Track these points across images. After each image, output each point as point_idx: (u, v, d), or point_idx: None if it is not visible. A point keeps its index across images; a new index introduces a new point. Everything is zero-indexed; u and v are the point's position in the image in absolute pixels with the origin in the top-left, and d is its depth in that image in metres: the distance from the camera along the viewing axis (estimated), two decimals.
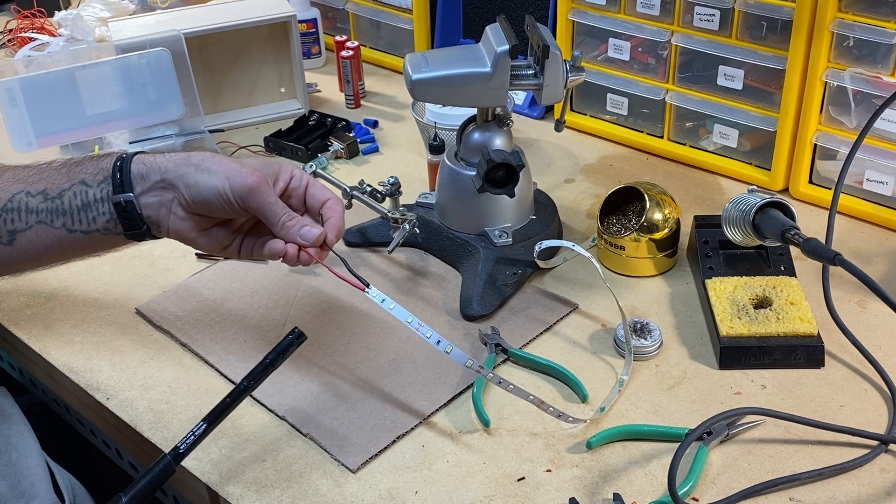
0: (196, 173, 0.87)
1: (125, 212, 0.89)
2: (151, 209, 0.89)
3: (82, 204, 0.90)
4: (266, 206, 0.87)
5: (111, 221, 0.89)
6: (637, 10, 1.27)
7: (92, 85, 1.24)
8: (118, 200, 0.88)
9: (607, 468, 0.83)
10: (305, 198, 0.92)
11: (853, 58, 1.11)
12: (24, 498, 0.94)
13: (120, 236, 0.91)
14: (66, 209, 0.90)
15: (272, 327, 1.01)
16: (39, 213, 0.89)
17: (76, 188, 0.90)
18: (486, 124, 1.07)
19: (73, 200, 0.89)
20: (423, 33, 1.55)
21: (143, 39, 1.29)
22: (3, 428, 1.00)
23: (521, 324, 1.00)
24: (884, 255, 1.10)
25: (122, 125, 1.28)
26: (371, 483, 0.82)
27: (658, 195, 1.06)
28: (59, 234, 0.90)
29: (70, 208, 0.89)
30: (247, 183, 0.86)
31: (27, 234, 0.89)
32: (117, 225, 0.90)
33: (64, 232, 0.90)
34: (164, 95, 1.27)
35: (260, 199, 0.86)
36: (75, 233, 0.90)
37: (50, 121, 1.25)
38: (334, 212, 0.91)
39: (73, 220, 0.90)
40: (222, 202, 0.87)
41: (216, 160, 0.88)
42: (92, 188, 0.89)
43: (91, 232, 0.90)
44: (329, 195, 0.92)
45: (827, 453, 0.83)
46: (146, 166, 0.89)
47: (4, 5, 1.90)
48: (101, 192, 0.89)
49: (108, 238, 0.91)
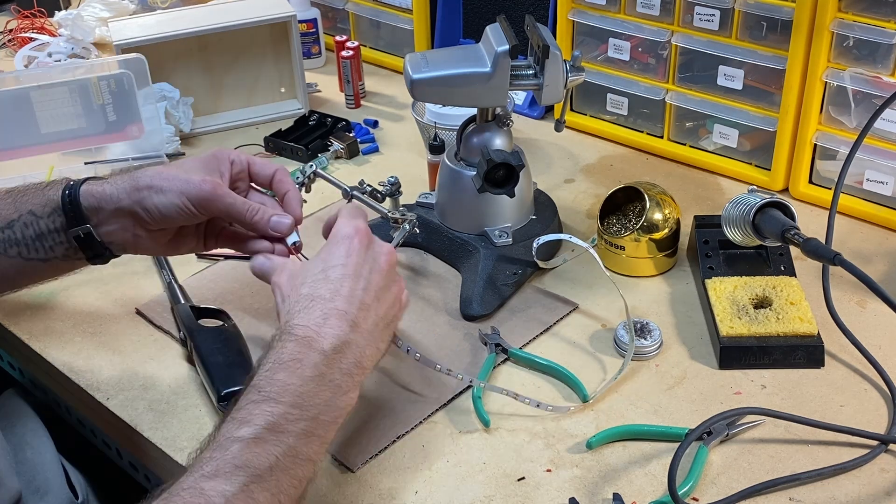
0: (151, 196, 0.89)
1: (84, 242, 0.91)
2: (114, 236, 0.91)
3: (35, 234, 0.91)
4: (227, 206, 0.89)
5: (70, 250, 0.92)
6: (637, 10, 1.27)
7: (48, 104, 1.23)
8: (77, 233, 0.90)
9: (607, 468, 0.83)
10: (251, 177, 0.94)
11: (853, 58, 1.11)
12: (39, 493, 0.95)
13: (81, 261, 0.93)
14: (18, 239, 0.91)
15: (272, 327, 1.01)
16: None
17: (25, 218, 0.91)
18: (486, 124, 1.07)
19: (24, 230, 0.91)
20: (423, 33, 1.55)
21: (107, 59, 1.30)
22: (17, 426, 1.01)
23: (521, 324, 1.00)
24: (884, 255, 1.10)
25: (77, 144, 1.28)
26: (371, 483, 0.82)
27: (658, 195, 1.06)
28: (15, 262, 0.92)
29: (23, 238, 0.91)
30: (203, 193, 0.88)
31: None
32: (78, 252, 0.92)
33: (19, 260, 0.92)
34: (124, 116, 1.26)
35: (219, 202, 0.89)
36: (32, 260, 0.92)
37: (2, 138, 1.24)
38: (287, 185, 0.94)
39: (28, 250, 0.92)
40: (184, 216, 0.89)
41: (163, 177, 0.89)
42: (42, 219, 0.91)
43: (49, 259, 0.92)
44: (274, 167, 0.94)
45: (827, 453, 0.83)
46: (96, 198, 0.90)
47: (4, 5, 1.90)
48: (52, 224, 0.91)
49: (68, 263, 0.94)
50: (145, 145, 1.30)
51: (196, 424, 0.89)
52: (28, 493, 0.93)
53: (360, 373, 0.77)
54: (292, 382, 0.72)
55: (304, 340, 0.75)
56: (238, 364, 0.91)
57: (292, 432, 0.71)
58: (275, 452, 0.69)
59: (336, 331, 0.76)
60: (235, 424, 0.70)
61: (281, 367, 0.73)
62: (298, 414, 0.71)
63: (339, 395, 0.75)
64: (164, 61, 1.40)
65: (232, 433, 0.69)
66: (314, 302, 0.77)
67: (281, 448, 0.70)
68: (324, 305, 0.77)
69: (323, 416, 0.73)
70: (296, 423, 0.71)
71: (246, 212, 0.90)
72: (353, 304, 0.78)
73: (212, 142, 1.42)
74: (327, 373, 0.74)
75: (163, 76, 1.39)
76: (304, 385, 0.73)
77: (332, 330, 0.76)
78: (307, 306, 0.77)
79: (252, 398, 0.72)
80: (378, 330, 0.80)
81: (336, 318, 0.77)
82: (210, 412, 0.91)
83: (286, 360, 0.74)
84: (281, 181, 0.94)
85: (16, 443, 0.99)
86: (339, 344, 0.76)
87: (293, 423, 0.71)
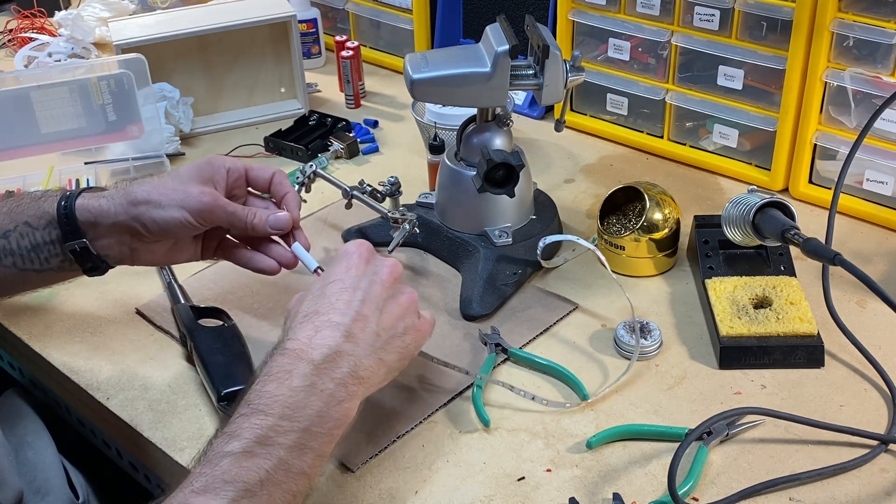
0: (149, 211, 0.89)
1: (81, 255, 0.91)
2: (110, 249, 0.92)
3: (31, 245, 0.92)
4: (227, 216, 0.90)
5: (66, 262, 0.92)
6: (637, 10, 1.27)
7: (48, 104, 1.23)
8: (73, 247, 0.91)
9: (607, 468, 0.83)
10: (249, 182, 0.95)
11: (853, 58, 1.11)
12: (40, 493, 0.95)
13: (76, 272, 0.94)
14: (13, 249, 0.91)
15: (272, 327, 1.01)
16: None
17: (21, 229, 0.91)
18: (486, 124, 1.07)
19: (20, 241, 0.91)
20: (423, 33, 1.55)
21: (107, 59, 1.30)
22: (18, 427, 1.01)
23: (521, 323, 1.00)
24: (884, 255, 1.10)
25: (77, 144, 1.28)
26: (371, 483, 0.82)
27: (658, 195, 1.06)
28: (9, 271, 0.92)
29: (18, 248, 0.91)
30: (203, 205, 0.89)
31: None
32: (73, 264, 0.92)
33: (14, 270, 0.92)
34: (124, 116, 1.26)
35: (219, 212, 0.90)
36: (26, 271, 0.92)
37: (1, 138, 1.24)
38: (285, 187, 0.95)
39: (23, 260, 0.92)
40: (185, 228, 0.90)
41: (160, 191, 0.89)
42: (38, 231, 0.91)
43: (44, 270, 0.93)
44: (271, 171, 0.95)
45: (827, 453, 0.83)
46: (92, 214, 0.90)
47: (4, 5, 1.90)
48: (48, 236, 0.91)
49: (63, 274, 0.94)
50: (145, 145, 1.31)
51: (196, 424, 0.89)
52: (29, 494, 0.93)
53: (356, 383, 0.75)
54: (281, 393, 0.71)
55: (293, 353, 0.74)
56: (238, 364, 0.91)
57: (283, 445, 0.69)
58: (265, 466, 0.68)
59: (327, 341, 0.75)
60: (225, 439, 0.69)
61: (270, 379, 0.72)
62: (288, 426, 0.70)
63: (333, 406, 0.73)
64: (164, 61, 1.40)
65: (222, 448, 0.69)
66: (308, 318, 0.77)
67: (271, 461, 0.68)
68: (317, 319, 0.76)
69: (315, 428, 0.71)
70: (286, 434, 0.70)
71: (245, 216, 0.91)
72: (348, 315, 0.77)
73: (212, 142, 1.42)
74: (318, 382, 0.73)
75: (163, 76, 1.39)
76: (293, 395, 0.71)
77: (322, 340, 0.75)
78: (302, 322, 0.77)
79: (242, 412, 0.71)
80: (381, 341, 0.78)
81: (328, 329, 0.75)
82: (210, 412, 0.91)
83: (275, 372, 0.73)
84: (279, 184, 0.95)
85: (16, 443, 1.00)
86: (331, 353, 0.74)
87: (283, 435, 0.70)
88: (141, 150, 1.31)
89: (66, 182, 1.27)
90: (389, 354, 0.79)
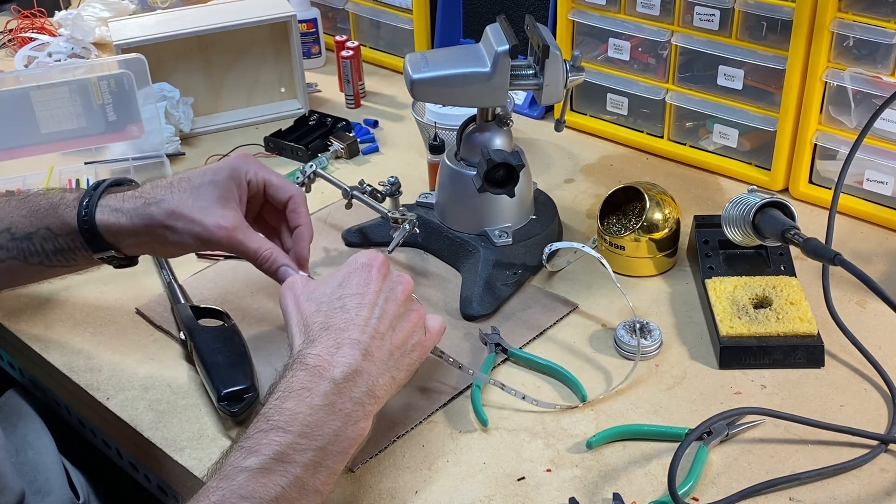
0: (166, 234, 0.91)
1: (110, 259, 0.95)
2: (137, 250, 0.95)
3: (55, 248, 0.93)
4: (238, 248, 0.91)
5: (94, 261, 0.95)
6: (637, 10, 1.27)
7: (48, 104, 1.23)
8: (102, 256, 0.94)
9: (607, 468, 0.83)
10: (267, 198, 0.95)
11: (853, 58, 1.11)
12: (40, 494, 0.95)
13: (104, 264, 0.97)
14: (37, 250, 0.93)
15: (272, 327, 1.01)
16: (10, 251, 0.93)
17: (43, 233, 0.93)
18: (486, 124, 1.07)
19: (44, 244, 0.93)
20: (423, 33, 1.55)
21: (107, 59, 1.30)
22: (19, 427, 1.01)
23: (521, 323, 1.00)
24: (884, 255, 1.10)
25: (77, 144, 1.28)
26: (371, 483, 0.82)
27: (658, 195, 1.06)
28: (38, 268, 0.95)
29: (43, 250, 0.93)
30: (215, 239, 0.90)
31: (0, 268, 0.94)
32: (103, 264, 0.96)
33: (42, 267, 0.95)
34: (124, 116, 1.26)
35: (231, 244, 0.91)
36: (55, 267, 0.95)
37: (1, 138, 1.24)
38: (299, 218, 0.95)
39: (49, 259, 0.94)
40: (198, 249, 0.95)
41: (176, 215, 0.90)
42: (61, 237, 0.93)
43: (70, 265, 0.96)
44: (290, 193, 0.95)
45: (827, 453, 0.83)
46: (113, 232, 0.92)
47: (4, 5, 1.90)
48: (72, 243, 0.93)
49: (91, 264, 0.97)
50: (145, 145, 1.31)
51: (196, 424, 0.89)
52: (30, 494, 0.93)
53: (371, 402, 0.76)
54: (301, 411, 0.72)
55: (314, 370, 0.74)
56: (238, 364, 0.91)
57: (299, 462, 0.70)
58: (281, 483, 0.69)
59: (348, 359, 0.75)
60: (243, 454, 0.70)
61: (290, 395, 0.73)
62: (306, 444, 0.71)
63: (349, 426, 0.74)
64: (164, 61, 1.40)
65: (239, 463, 0.69)
66: (327, 331, 0.77)
67: (287, 479, 0.69)
68: (337, 335, 0.77)
69: (331, 447, 0.72)
70: (303, 453, 0.70)
71: (257, 258, 0.91)
72: (367, 332, 0.77)
73: (212, 142, 1.42)
74: (337, 402, 0.73)
75: (163, 76, 1.39)
76: (313, 414, 0.72)
77: (343, 358, 0.75)
78: (320, 335, 0.77)
79: (260, 427, 0.71)
80: (393, 359, 0.79)
81: (348, 347, 0.76)
82: (210, 412, 0.91)
83: (296, 388, 0.73)
84: (294, 212, 0.95)
85: (17, 443, 1.00)
86: (351, 372, 0.75)
87: (301, 453, 0.70)
88: (141, 150, 1.31)
89: (66, 182, 1.27)
90: (400, 372, 0.80)
